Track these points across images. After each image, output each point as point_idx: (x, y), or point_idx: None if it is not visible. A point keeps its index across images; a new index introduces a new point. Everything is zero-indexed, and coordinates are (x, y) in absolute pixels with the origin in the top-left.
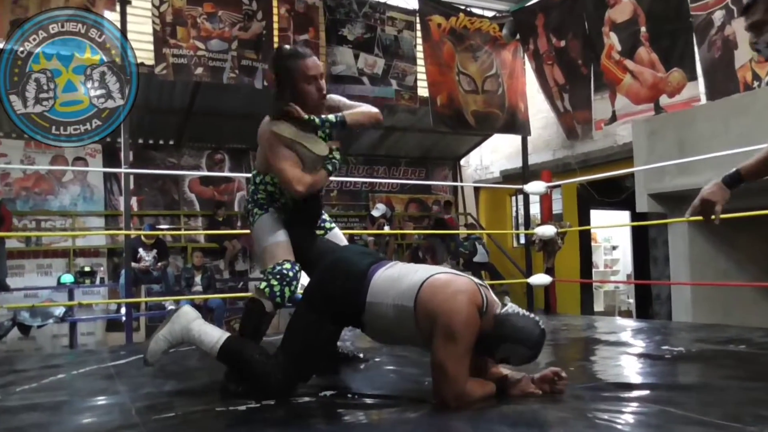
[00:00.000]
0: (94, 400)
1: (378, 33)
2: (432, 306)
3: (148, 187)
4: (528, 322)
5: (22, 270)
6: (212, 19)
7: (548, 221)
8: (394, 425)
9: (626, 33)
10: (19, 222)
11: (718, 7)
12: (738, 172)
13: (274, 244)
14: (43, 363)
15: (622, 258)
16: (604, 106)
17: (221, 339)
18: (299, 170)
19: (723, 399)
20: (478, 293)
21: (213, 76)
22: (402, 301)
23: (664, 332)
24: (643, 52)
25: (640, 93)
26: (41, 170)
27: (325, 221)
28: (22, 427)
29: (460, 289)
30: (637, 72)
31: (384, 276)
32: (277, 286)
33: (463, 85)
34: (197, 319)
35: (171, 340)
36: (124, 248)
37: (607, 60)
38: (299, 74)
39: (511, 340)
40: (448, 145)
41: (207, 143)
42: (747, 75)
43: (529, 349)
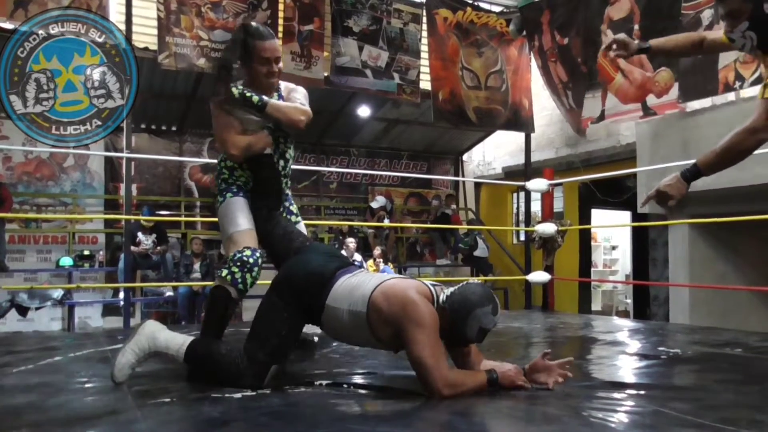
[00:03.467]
0: (91, 383)
1: (383, 25)
2: (387, 311)
3: (148, 173)
4: (468, 288)
5: (22, 254)
6: (217, 8)
7: (549, 219)
8: (389, 418)
9: (621, 30)
10: (20, 206)
11: (707, 6)
12: (696, 165)
13: (237, 232)
14: (41, 345)
15: (621, 258)
16: (595, 104)
17: (186, 341)
18: (236, 134)
19: (718, 402)
20: (425, 287)
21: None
22: (356, 307)
23: (660, 333)
24: None
25: (629, 92)
26: (42, 154)
27: (292, 213)
28: (18, 407)
29: (409, 286)
30: (627, 71)
31: (345, 283)
32: (238, 273)
33: (466, 80)
34: (163, 329)
35: (138, 352)
36: (123, 233)
37: (603, 58)
38: (255, 53)
39: (468, 311)
40: (450, 139)
41: (209, 130)
42: (729, 75)
43: (487, 305)
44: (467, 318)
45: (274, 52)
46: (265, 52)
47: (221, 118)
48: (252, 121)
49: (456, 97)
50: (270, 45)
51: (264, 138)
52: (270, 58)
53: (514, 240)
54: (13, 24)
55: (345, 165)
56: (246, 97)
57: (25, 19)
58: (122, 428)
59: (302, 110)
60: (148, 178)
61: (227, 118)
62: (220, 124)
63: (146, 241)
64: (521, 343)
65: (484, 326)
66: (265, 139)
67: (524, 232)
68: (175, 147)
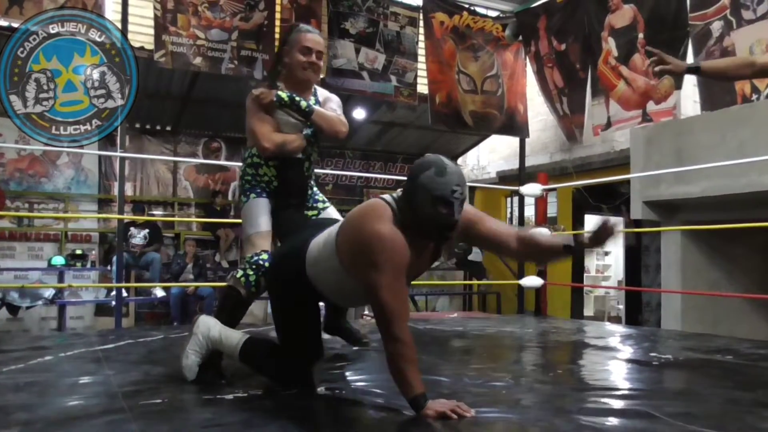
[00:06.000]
0: (81, 383)
1: (380, 28)
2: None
3: (142, 173)
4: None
5: (13, 252)
6: (214, 8)
7: (542, 224)
8: (380, 422)
9: (624, 39)
10: (12, 203)
11: (716, 17)
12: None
13: (256, 233)
14: (31, 344)
15: (614, 264)
16: (600, 111)
17: (241, 340)
18: (271, 130)
19: (708, 407)
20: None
21: (212, 66)
22: (329, 261)
23: (652, 339)
24: (638, 59)
25: (631, 100)
26: (36, 151)
27: (318, 201)
28: (7, 407)
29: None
30: (630, 79)
31: (313, 244)
32: (253, 275)
33: (463, 84)
34: (216, 325)
35: (199, 350)
36: (116, 233)
37: (603, 65)
38: (296, 44)
39: (413, 188)
40: (446, 143)
41: (203, 131)
42: (746, 88)
43: (428, 169)
44: (415, 194)
45: (316, 45)
46: (307, 42)
47: (258, 114)
48: (290, 123)
49: (453, 101)
50: (312, 36)
51: (299, 140)
52: (312, 47)
53: None
54: (7, 21)
55: (340, 167)
56: (294, 100)
57: (20, 16)
58: (114, 428)
59: (343, 122)
60: (142, 178)
61: (264, 114)
62: (255, 119)
63: (138, 235)
64: (514, 347)
65: (436, 193)
66: (300, 141)
67: None
68: (169, 147)
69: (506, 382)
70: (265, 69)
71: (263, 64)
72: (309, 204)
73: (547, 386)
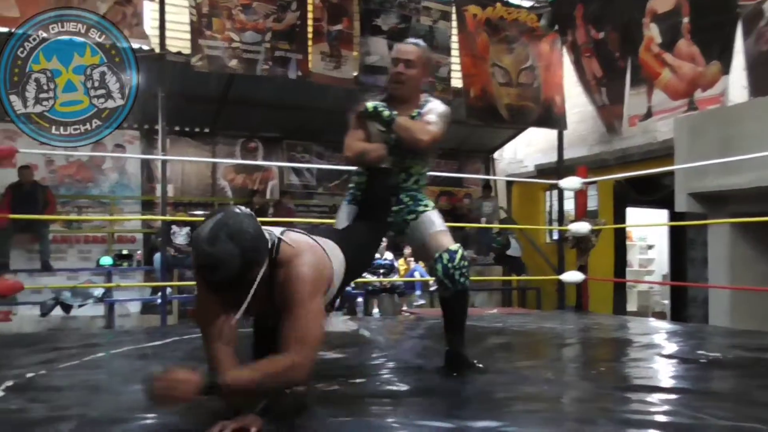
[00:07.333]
0: (131, 380)
1: (413, 23)
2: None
3: (182, 174)
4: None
5: (65, 254)
6: (247, 10)
7: (583, 218)
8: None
9: (667, 24)
10: (62, 208)
11: None
12: None
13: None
14: (83, 341)
15: (657, 258)
16: (640, 101)
17: None
18: (356, 140)
19: (759, 410)
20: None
21: (247, 68)
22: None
23: (699, 336)
24: (683, 44)
25: (678, 88)
26: (82, 157)
27: (420, 204)
28: (65, 404)
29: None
30: (676, 66)
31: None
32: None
33: (498, 77)
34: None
35: None
36: (160, 233)
37: (645, 53)
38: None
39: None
40: (481, 137)
41: (241, 132)
42: None
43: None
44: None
45: (403, 54)
46: (396, 53)
47: (353, 125)
48: (378, 134)
49: (487, 94)
50: (401, 47)
51: (378, 150)
52: (399, 58)
53: (547, 239)
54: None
55: None
56: (378, 110)
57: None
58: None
59: (427, 130)
60: (182, 179)
61: (357, 126)
62: (349, 129)
63: (180, 233)
64: (554, 344)
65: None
66: (379, 151)
67: (557, 231)
68: (207, 148)
69: (547, 380)
70: (299, 68)
71: (297, 63)
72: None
73: (589, 384)
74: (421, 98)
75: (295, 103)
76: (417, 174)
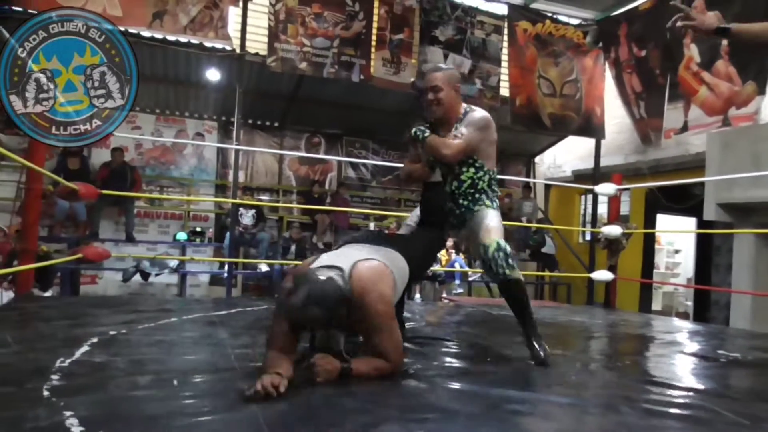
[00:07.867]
0: (200, 343)
1: (468, 35)
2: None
3: (253, 162)
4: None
5: (146, 228)
6: (319, 18)
7: (615, 221)
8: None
9: (707, 45)
10: (147, 186)
11: None
12: (729, 28)
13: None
14: (159, 306)
15: (683, 262)
16: (677, 115)
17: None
18: (408, 162)
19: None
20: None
21: (315, 70)
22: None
23: (720, 337)
24: (721, 64)
25: (715, 105)
26: (167, 143)
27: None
28: (143, 360)
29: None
30: (713, 84)
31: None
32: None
33: (543, 88)
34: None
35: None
36: (230, 214)
37: (684, 71)
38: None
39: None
40: (524, 142)
41: (307, 127)
42: None
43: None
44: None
45: (428, 82)
46: (424, 84)
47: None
48: (423, 153)
49: (532, 103)
50: (426, 76)
51: (420, 169)
52: (427, 88)
53: (580, 239)
54: (150, 32)
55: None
56: (416, 134)
57: (160, 28)
58: (226, 384)
59: (449, 144)
60: (252, 167)
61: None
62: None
63: (247, 214)
64: (583, 336)
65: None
66: (421, 170)
67: (590, 232)
68: (276, 141)
69: (575, 368)
70: (362, 73)
71: (360, 68)
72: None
73: (613, 375)
74: (461, 110)
75: (356, 104)
76: (468, 179)
